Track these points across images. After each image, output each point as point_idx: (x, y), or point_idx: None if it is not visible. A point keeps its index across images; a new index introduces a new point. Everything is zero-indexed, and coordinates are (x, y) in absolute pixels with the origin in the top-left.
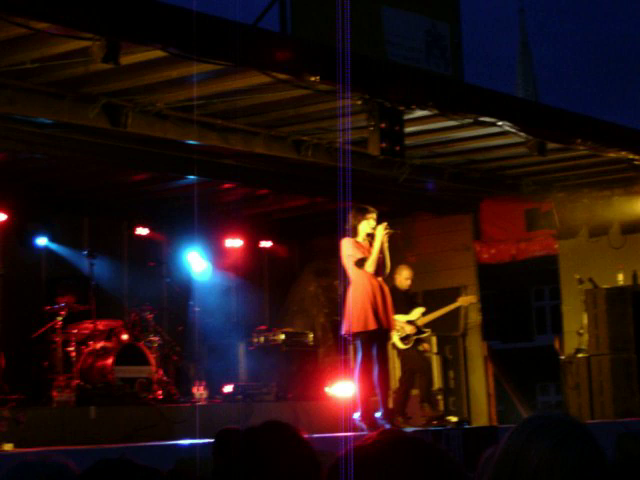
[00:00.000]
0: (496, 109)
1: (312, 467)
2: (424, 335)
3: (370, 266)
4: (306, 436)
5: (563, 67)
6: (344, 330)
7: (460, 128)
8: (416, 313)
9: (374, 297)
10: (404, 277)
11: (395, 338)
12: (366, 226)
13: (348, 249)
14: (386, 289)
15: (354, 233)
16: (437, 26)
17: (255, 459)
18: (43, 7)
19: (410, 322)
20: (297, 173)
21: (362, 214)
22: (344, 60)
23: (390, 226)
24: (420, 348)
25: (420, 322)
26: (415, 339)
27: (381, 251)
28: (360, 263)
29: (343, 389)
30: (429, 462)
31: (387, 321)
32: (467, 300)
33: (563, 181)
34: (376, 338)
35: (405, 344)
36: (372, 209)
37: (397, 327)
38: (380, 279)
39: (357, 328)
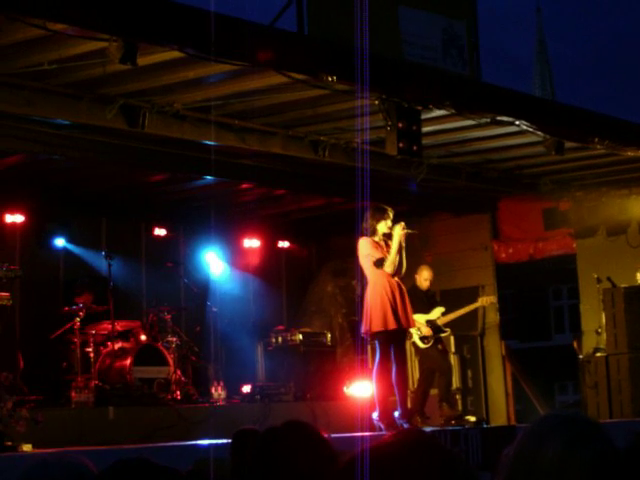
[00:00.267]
0: (513, 108)
1: (332, 466)
2: (444, 335)
3: (389, 266)
4: (326, 435)
5: (580, 66)
6: (363, 330)
7: (477, 127)
8: (436, 313)
9: (393, 296)
10: (423, 278)
11: (415, 337)
12: (384, 226)
13: (366, 249)
14: (404, 288)
15: (372, 232)
16: (454, 25)
17: (275, 458)
18: (60, 8)
19: (429, 322)
20: (314, 173)
21: (380, 214)
22: (362, 60)
23: (407, 226)
24: (440, 347)
25: (440, 322)
26: (435, 338)
27: (398, 251)
28: (379, 263)
29: (361, 389)
30: (443, 464)
31: (406, 320)
32: (487, 300)
33: (581, 180)
34: (395, 338)
35: (425, 343)
36: (390, 209)
37: (416, 326)
38: (396, 278)
39: (376, 328)
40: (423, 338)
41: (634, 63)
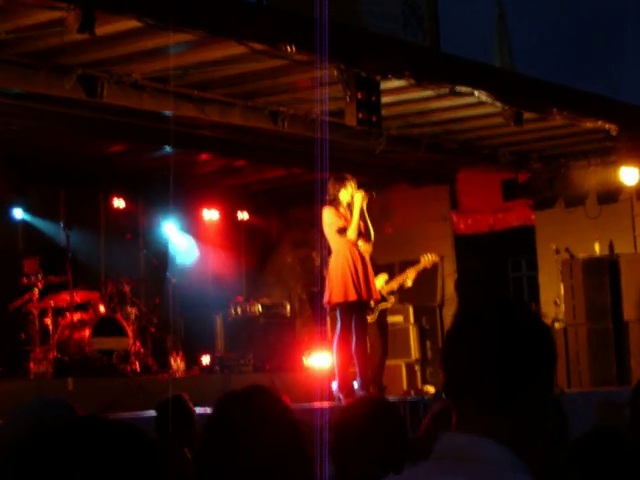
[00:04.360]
0: (472, 79)
1: (295, 433)
2: (388, 304)
3: (352, 233)
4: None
5: (540, 39)
6: (325, 300)
7: (437, 98)
8: (379, 281)
9: (354, 267)
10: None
11: None
12: (346, 194)
13: (329, 218)
14: (367, 259)
15: (335, 202)
16: None
17: (235, 425)
18: None
19: None
20: (274, 144)
21: (341, 182)
22: (321, 30)
23: (365, 191)
24: (381, 322)
25: (384, 290)
26: (380, 310)
27: (363, 218)
28: (342, 231)
29: (320, 360)
30: (399, 425)
31: (367, 292)
32: (430, 260)
33: (540, 151)
34: (355, 309)
35: (368, 315)
36: (350, 177)
37: None
38: (363, 248)
39: (337, 299)
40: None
41: (593, 35)
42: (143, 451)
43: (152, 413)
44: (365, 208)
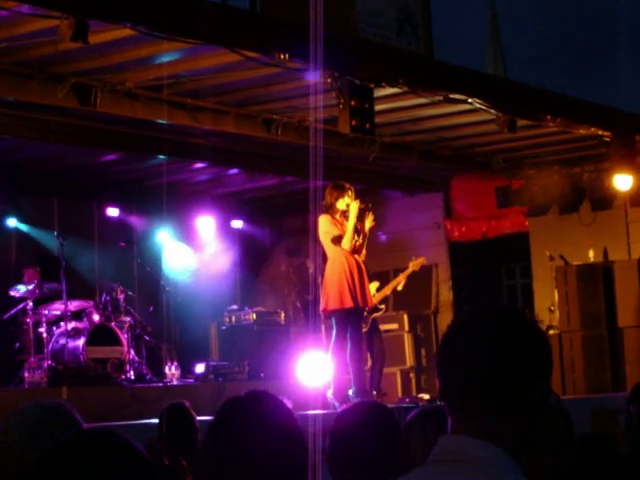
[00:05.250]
0: (466, 86)
1: (296, 439)
2: (379, 313)
3: (346, 243)
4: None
5: (533, 47)
6: (321, 307)
7: (430, 105)
8: (371, 288)
9: (351, 275)
10: None
11: None
12: (342, 203)
13: (325, 226)
14: (363, 266)
15: (331, 210)
16: (409, 3)
17: (238, 431)
18: None
19: None
20: (268, 152)
21: (339, 190)
22: (315, 37)
23: (362, 201)
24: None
25: (376, 298)
26: (372, 319)
27: (361, 233)
28: (337, 240)
29: (315, 367)
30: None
31: (363, 300)
32: (417, 263)
33: (533, 158)
34: (351, 316)
35: (362, 327)
36: (349, 185)
37: None
38: (357, 256)
39: (333, 306)
40: None
41: (586, 43)
42: (132, 462)
43: (147, 421)
44: (363, 219)
